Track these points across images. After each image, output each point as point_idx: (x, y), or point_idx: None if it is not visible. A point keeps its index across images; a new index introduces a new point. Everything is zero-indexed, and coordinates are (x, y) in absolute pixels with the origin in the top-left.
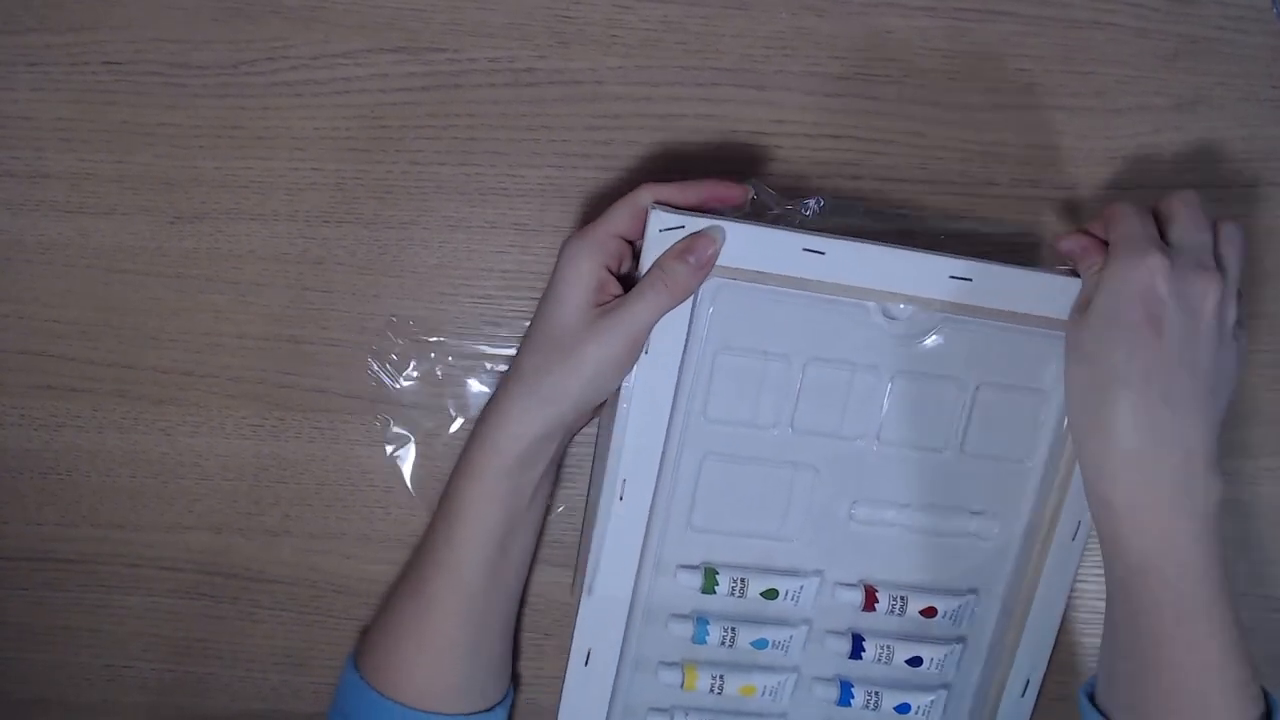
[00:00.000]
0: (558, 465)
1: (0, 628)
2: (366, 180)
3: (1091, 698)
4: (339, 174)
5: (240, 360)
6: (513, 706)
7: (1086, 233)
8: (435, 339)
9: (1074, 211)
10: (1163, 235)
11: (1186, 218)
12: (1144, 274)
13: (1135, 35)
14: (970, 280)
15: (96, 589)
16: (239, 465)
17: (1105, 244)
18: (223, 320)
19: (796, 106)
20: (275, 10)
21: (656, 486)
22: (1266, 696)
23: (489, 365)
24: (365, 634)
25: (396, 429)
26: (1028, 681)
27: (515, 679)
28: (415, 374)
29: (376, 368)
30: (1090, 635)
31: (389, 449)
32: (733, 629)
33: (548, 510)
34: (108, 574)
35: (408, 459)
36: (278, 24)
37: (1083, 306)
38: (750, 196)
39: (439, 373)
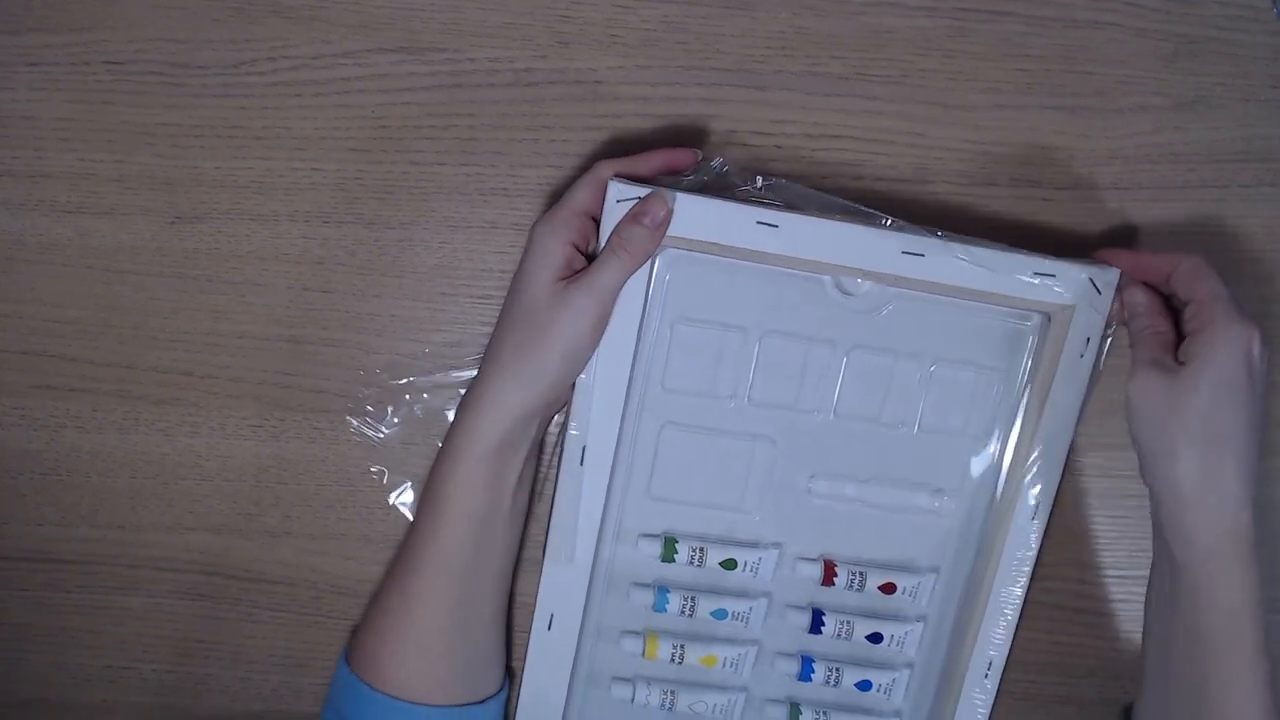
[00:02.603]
0: (538, 451)
1: (0, 628)
2: (367, 180)
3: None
4: (339, 174)
5: (240, 360)
6: (508, 701)
7: (1145, 285)
8: (405, 380)
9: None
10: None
11: (1224, 288)
12: (1246, 343)
13: (1135, 35)
14: (922, 256)
15: (96, 590)
16: (239, 466)
17: (1164, 301)
18: (223, 320)
19: (796, 106)
20: (275, 10)
21: (616, 454)
22: None
23: (463, 391)
24: (356, 629)
25: (393, 477)
26: (990, 662)
27: (511, 674)
28: (396, 420)
29: (357, 424)
30: (1074, 637)
31: (390, 498)
32: (692, 598)
33: (532, 497)
34: (108, 575)
35: (410, 503)
36: (278, 24)
37: (1165, 371)
38: (698, 159)
39: (419, 412)
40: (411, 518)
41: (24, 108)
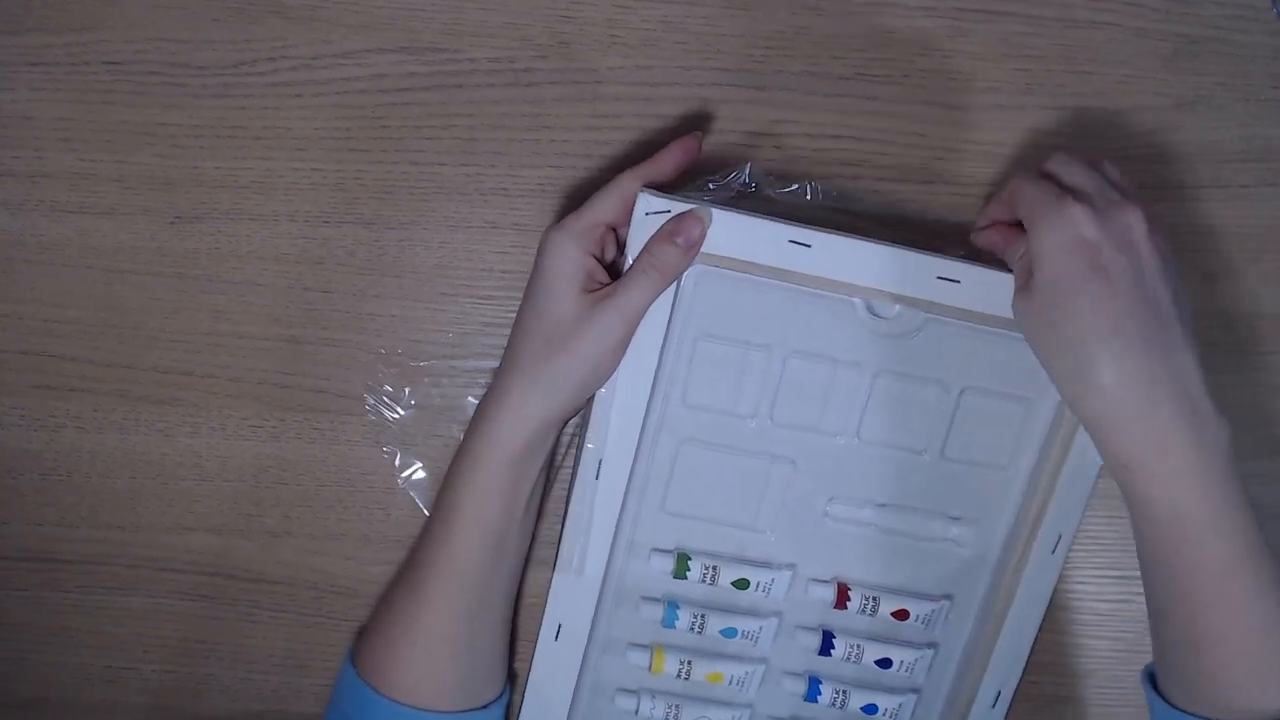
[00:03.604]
0: (551, 459)
1: (0, 628)
2: (366, 180)
3: (1153, 681)
4: (339, 174)
5: (240, 360)
6: (509, 705)
7: (998, 223)
8: (424, 363)
9: None
10: None
11: (1073, 168)
12: (1068, 227)
13: (1135, 35)
14: (958, 282)
15: (96, 590)
16: (239, 466)
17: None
18: (223, 320)
19: (796, 106)
20: (275, 10)
21: (633, 468)
22: None
23: (483, 380)
24: (362, 632)
25: (405, 458)
26: (999, 693)
27: (512, 678)
28: (413, 402)
29: (373, 403)
30: (1074, 637)
31: (400, 480)
32: (702, 615)
33: (543, 504)
34: (108, 575)
35: (421, 487)
36: (278, 24)
37: (1024, 287)
38: (701, 140)
39: (436, 396)
40: (419, 500)
41: (24, 108)
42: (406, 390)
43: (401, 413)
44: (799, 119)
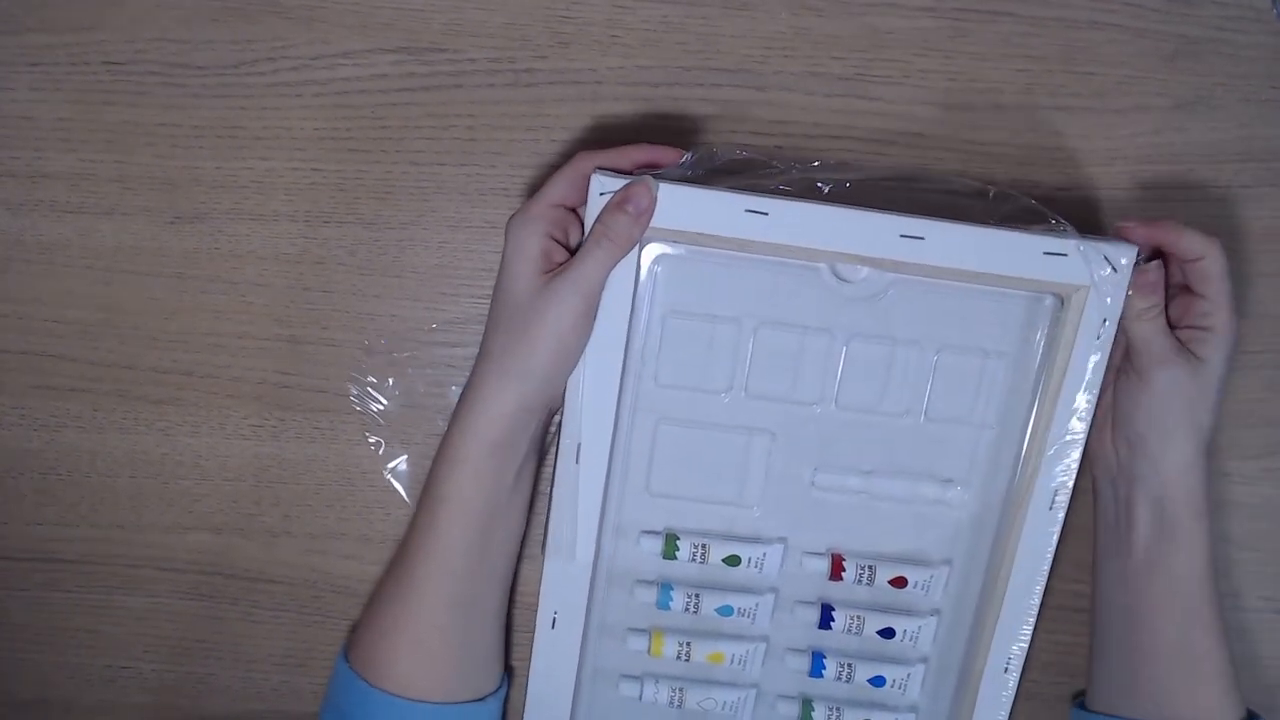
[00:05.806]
0: (540, 449)
1: (0, 628)
2: (366, 180)
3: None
4: (339, 174)
5: (240, 360)
6: (507, 700)
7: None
8: (408, 354)
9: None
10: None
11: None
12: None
13: (1135, 35)
14: (922, 239)
15: (97, 589)
16: (239, 466)
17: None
18: (223, 320)
19: (796, 106)
20: (275, 10)
21: (612, 451)
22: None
23: (469, 366)
24: (355, 627)
25: (390, 448)
26: (1010, 659)
27: (510, 672)
28: (397, 392)
29: (358, 393)
30: (1074, 637)
31: (385, 471)
32: (696, 595)
33: (534, 496)
34: (108, 574)
35: (404, 476)
36: (277, 24)
37: (1183, 356)
38: (684, 161)
39: (420, 387)
40: (404, 491)
41: (24, 108)
42: (390, 381)
43: (386, 403)
44: (799, 119)
